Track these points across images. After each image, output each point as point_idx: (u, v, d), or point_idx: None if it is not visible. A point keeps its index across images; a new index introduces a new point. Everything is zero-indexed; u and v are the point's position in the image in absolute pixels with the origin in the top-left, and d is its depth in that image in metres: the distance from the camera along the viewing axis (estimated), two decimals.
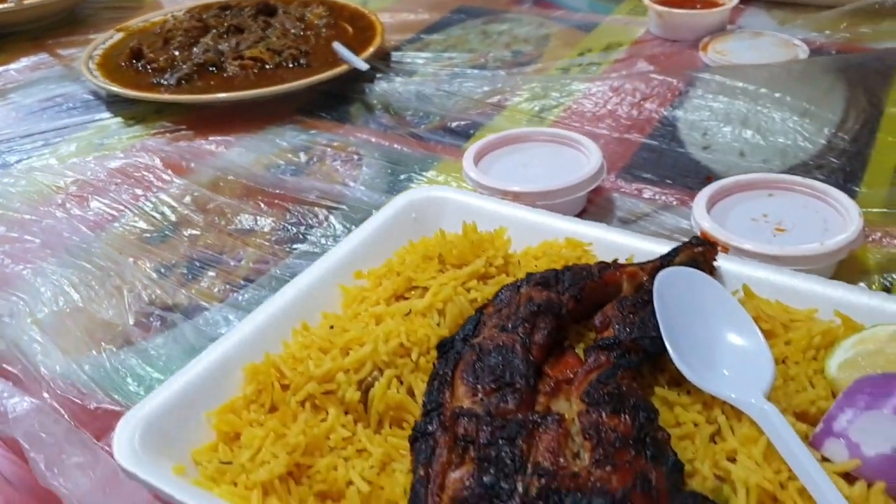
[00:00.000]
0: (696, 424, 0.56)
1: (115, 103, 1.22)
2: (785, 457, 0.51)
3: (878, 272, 0.78)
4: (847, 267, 0.78)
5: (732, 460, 0.53)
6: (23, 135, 1.15)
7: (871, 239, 0.82)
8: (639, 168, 0.99)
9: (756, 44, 1.25)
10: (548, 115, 1.11)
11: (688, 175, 0.96)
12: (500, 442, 0.52)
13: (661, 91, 1.13)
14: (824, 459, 0.52)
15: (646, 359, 0.59)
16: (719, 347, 0.60)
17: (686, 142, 1.04)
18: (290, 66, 1.22)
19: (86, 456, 0.61)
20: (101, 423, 0.66)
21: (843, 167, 0.95)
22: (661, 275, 0.63)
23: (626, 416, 0.53)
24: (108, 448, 0.63)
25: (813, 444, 0.53)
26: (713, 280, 0.64)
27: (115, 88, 1.19)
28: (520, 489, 0.50)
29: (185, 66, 1.22)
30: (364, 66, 1.14)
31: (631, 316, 0.62)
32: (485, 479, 0.51)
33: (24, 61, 1.39)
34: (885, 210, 0.87)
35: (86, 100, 1.25)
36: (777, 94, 1.08)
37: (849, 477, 0.51)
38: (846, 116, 1.06)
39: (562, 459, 0.52)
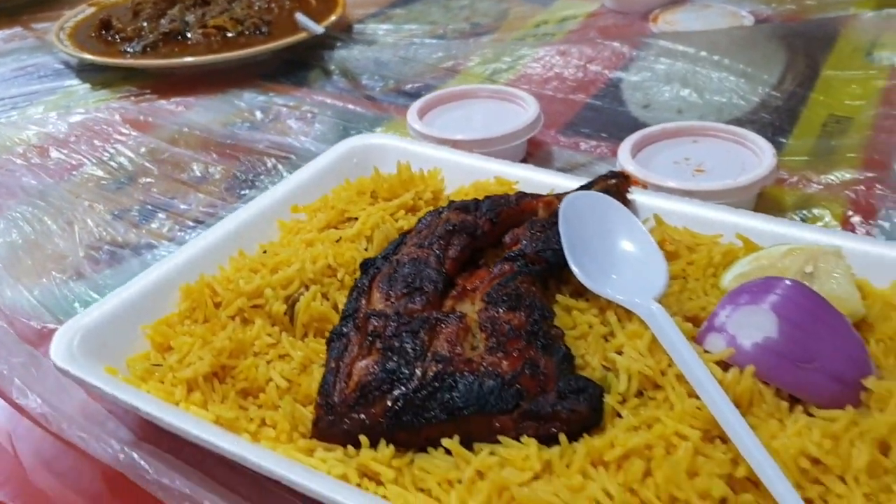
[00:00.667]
0: (590, 326, 0.60)
1: (83, 71, 1.26)
2: (666, 348, 0.55)
3: (793, 209, 0.83)
4: (766, 206, 0.82)
5: (620, 353, 0.57)
6: None
7: (788, 182, 0.87)
8: (580, 125, 1.03)
9: (704, 15, 1.30)
10: (499, 78, 1.15)
11: (625, 130, 0.99)
12: (404, 335, 0.57)
13: (607, 56, 1.17)
14: (706, 352, 0.56)
15: (548, 269, 0.63)
16: (617, 259, 0.64)
17: (628, 101, 1.08)
18: (252, 34, 1.26)
19: (31, 360, 0.65)
20: (47, 342, 0.70)
21: (774, 122, 1.00)
22: (568, 197, 0.67)
23: (521, 313, 0.57)
24: None
25: (697, 340, 0.57)
26: (618, 203, 0.68)
27: (83, 55, 1.23)
28: (418, 374, 0.54)
29: (151, 35, 1.26)
30: (320, 30, 1.19)
31: (538, 233, 0.66)
32: (388, 365, 0.55)
33: None
34: (807, 158, 0.91)
35: (56, 69, 1.29)
36: (716, 57, 1.13)
37: (725, 365, 0.55)
38: (783, 78, 1.11)
39: (459, 349, 0.56)
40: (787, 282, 0.58)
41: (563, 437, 0.51)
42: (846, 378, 0.53)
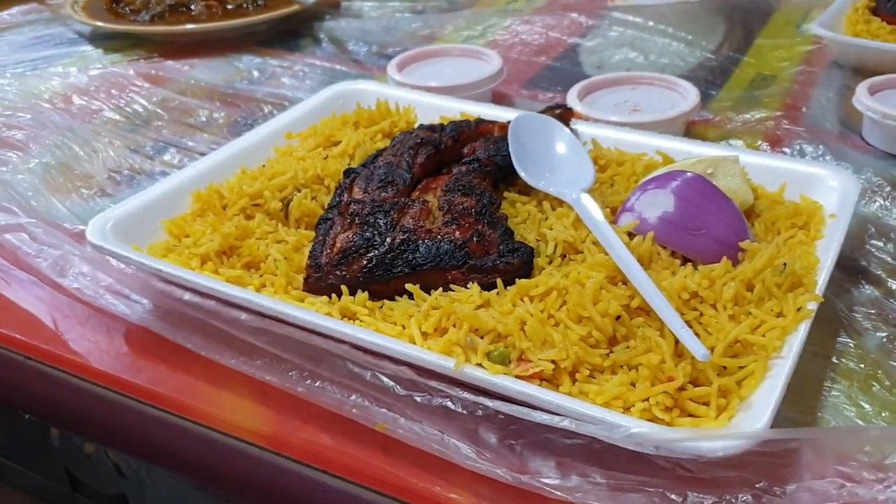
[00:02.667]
0: (529, 214, 0.74)
1: (96, 39, 1.39)
2: (586, 222, 0.69)
3: (714, 141, 0.97)
4: (694, 138, 0.96)
5: (550, 229, 0.70)
6: (15, 62, 1.32)
7: (713, 121, 1.01)
8: (540, 81, 1.17)
9: None
10: (472, 44, 1.29)
11: None
12: (378, 214, 0.70)
13: (566, 25, 1.32)
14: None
15: (497, 171, 0.77)
16: (554, 163, 0.78)
17: (584, 63, 1.23)
18: (249, 6, 1.40)
19: (67, 251, 0.78)
20: (78, 239, 0.82)
21: (708, 78, 1.14)
22: (517, 116, 0.81)
23: (473, 198, 0.71)
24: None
25: (614, 222, 0.71)
26: (559, 123, 0.82)
27: (96, 23, 1.36)
28: (388, 241, 0.68)
29: (158, 7, 1.40)
30: (309, 1, 1.33)
31: (491, 145, 0.80)
32: (365, 235, 0.69)
33: (15, 9, 1.56)
34: (730, 104, 1.05)
35: (71, 38, 1.42)
36: (662, 27, 1.27)
37: (632, 236, 0.68)
38: (721, 45, 1.25)
39: (421, 223, 0.69)
40: (687, 173, 0.72)
41: (499, 282, 0.64)
42: (727, 242, 0.67)
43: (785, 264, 0.64)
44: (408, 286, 0.65)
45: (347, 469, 0.60)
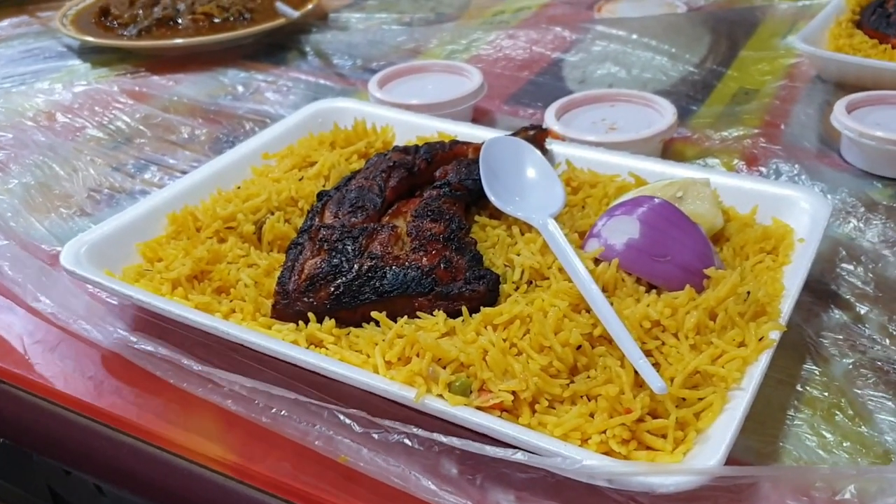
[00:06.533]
0: (499, 238, 0.74)
1: (84, 53, 1.40)
2: (552, 248, 0.69)
3: (692, 159, 0.97)
4: (670, 157, 0.97)
5: (518, 255, 0.71)
6: (3, 77, 1.33)
7: (691, 139, 1.01)
8: (522, 97, 1.17)
9: (642, 5, 1.44)
10: (455, 58, 1.29)
11: None
12: (346, 240, 0.71)
13: (550, 39, 1.32)
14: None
15: (468, 195, 0.77)
16: (524, 187, 0.78)
17: (567, 78, 1.23)
18: (237, 20, 1.40)
19: (43, 273, 0.78)
20: (55, 262, 0.83)
21: (689, 93, 1.14)
22: (489, 140, 0.81)
23: (442, 224, 0.71)
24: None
25: (581, 247, 0.72)
26: (530, 146, 0.82)
27: (84, 38, 1.37)
28: (356, 268, 0.68)
29: (145, 21, 1.40)
30: (295, 14, 1.33)
31: (463, 168, 0.80)
32: (333, 261, 0.69)
33: (6, 22, 1.57)
34: (710, 121, 1.05)
35: (60, 51, 1.43)
36: (646, 40, 1.27)
37: (598, 261, 0.69)
38: (705, 59, 1.25)
39: (389, 249, 0.70)
40: (655, 199, 0.72)
41: (464, 309, 0.65)
42: (692, 269, 0.67)
43: (749, 292, 0.64)
44: (374, 314, 0.66)
45: (309, 499, 0.60)
